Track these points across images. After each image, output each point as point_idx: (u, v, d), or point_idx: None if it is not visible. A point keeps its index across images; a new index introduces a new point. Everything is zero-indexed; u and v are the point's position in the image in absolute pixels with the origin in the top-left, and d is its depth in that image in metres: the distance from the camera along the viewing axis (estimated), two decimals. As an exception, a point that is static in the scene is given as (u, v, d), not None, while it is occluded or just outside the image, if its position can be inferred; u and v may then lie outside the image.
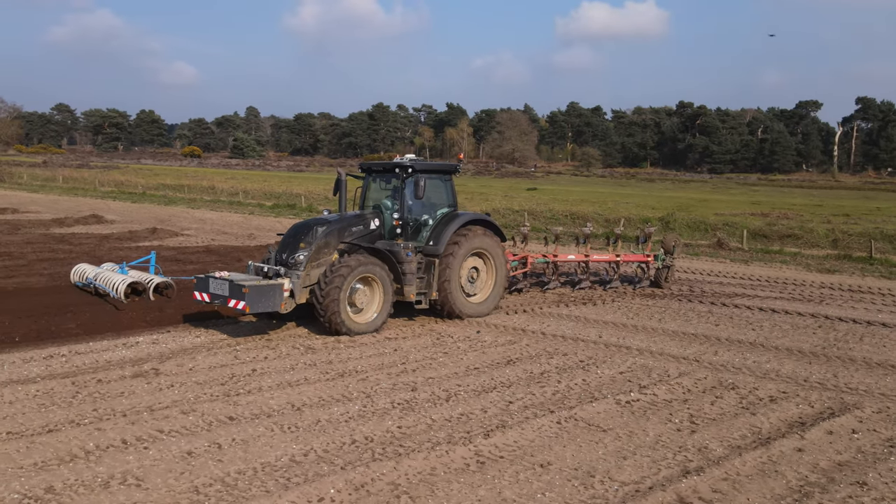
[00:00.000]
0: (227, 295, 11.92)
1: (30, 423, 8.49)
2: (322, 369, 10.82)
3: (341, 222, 13.26)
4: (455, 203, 14.70)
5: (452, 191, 14.72)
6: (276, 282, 12.13)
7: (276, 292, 11.98)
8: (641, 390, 10.08)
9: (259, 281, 12.08)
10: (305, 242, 12.73)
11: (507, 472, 7.43)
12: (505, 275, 14.71)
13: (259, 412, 8.97)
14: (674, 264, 18.08)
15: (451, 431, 8.50)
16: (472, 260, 14.25)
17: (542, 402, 9.62)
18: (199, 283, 12.58)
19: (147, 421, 8.61)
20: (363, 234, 13.49)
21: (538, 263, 17.35)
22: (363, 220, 13.61)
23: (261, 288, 11.81)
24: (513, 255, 16.48)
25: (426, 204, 14.20)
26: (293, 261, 12.59)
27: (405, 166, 13.82)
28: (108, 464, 7.44)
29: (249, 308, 11.68)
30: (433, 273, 13.63)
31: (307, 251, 12.59)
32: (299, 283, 12.36)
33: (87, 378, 10.13)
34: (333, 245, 12.92)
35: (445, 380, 10.44)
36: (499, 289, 14.60)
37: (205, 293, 12.41)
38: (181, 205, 38.61)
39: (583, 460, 7.76)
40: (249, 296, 11.60)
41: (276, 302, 11.96)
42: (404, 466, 7.48)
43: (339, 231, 13.08)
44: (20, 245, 22.37)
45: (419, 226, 14.09)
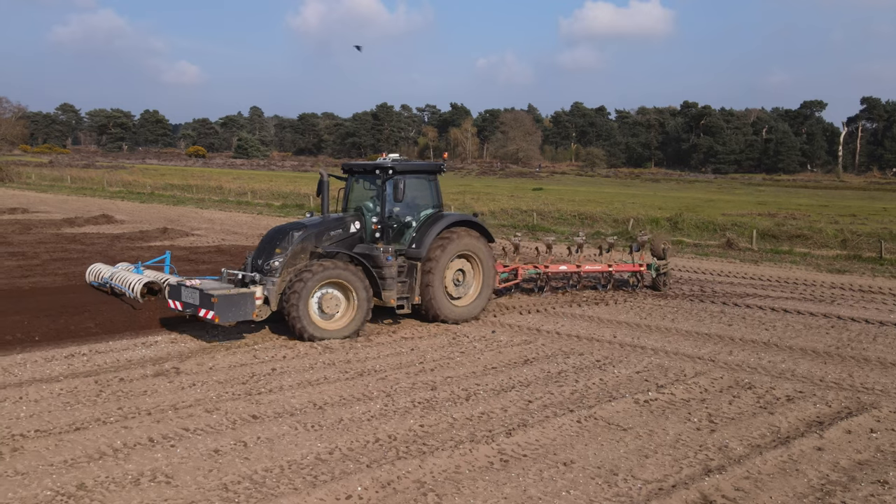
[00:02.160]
0: (198, 304, 11.66)
1: (56, 421, 8.60)
2: (341, 368, 10.91)
3: (318, 226, 12.98)
4: (440, 204, 14.33)
5: (437, 191, 14.35)
6: (246, 290, 11.85)
7: (247, 301, 11.69)
8: (659, 390, 10.15)
9: (229, 290, 11.76)
10: (281, 248, 12.47)
11: (531, 471, 7.51)
12: (492, 277, 14.36)
13: (282, 411, 9.06)
14: (668, 268, 17.70)
15: (472, 430, 8.58)
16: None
17: (561, 401, 9.70)
18: (172, 290, 12.35)
19: (172, 419, 8.71)
20: (342, 237, 13.18)
21: (530, 275, 16.84)
22: (342, 224, 13.28)
23: (230, 297, 11.51)
24: (503, 267, 16.11)
25: (410, 205, 13.86)
26: (268, 267, 12.32)
27: (385, 167, 13.47)
28: (136, 461, 7.54)
29: (219, 318, 11.39)
30: (415, 277, 13.30)
31: (283, 256, 12.36)
32: (274, 289, 12.11)
33: (109, 377, 10.23)
34: (310, 249, 12.67)
35: (464, 379, 10.52)
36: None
37: (178, 301, 12.21)
38: (190, 205, 38.74)
39: (605, 459, 7.84)
40: (218, 305, 11.32)
41: (247, 311, 11.67)
42: (429, 465, 7.57)
43: (315, 235, 12.80)
44: (33, 245, 22.50)
45: (402, 227, 13.76)
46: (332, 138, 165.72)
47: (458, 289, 13.92)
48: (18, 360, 10.91)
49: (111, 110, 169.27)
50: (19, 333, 12.21)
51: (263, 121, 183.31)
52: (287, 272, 12.27)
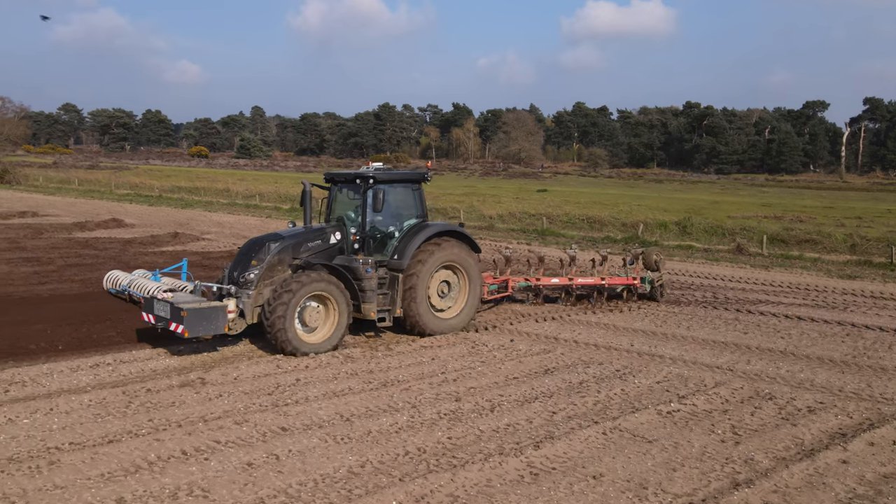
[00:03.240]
0: (169, 318, 11.46)
1: (89, 433, 8.70)
2: (364, 379, 11.01)
3: (296, 237, 12.72)
4: (424, 213, 13.99)
5: (422, 200, 14.00)
6: (217, 304, 11.62)
7: (219, 315, 11.46)
8: (681, 400, 10.25)
9: (199, 303, 11.50)
10: (257, 259, 12.21)
11: (562, 484, 7.61)
12: (479, 289, 14.05)
13: (310, 423, 9.17)
14: (663, 280, 17.34)
15: (500, 442, 8.68)
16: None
17: (585, 412, 9.80)
18: (146, 303, 12.14)
19: (203, 431, 8.81)
20: (322, 248, 12.91)
21: (520, 287, 16.48)
22: (322, 235, 13.00)
23: (200, 311, 11.30)
24: (493, 279, 15.93)
25: (393, 215, 13.60)
26: (244, 279, 12.07)
27: (366, 176, 13.13)
28: (172, 475, 7.64)
29: (188, 332, 11.17)
30: (397, 288, 13.00)
31: (259, 268, 12.10)
32: (250, 301, 11.88)
33: (136, 387, 10.34)
34: (287, 261, 12.41)
35: (487, 390, 10.63)
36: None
37: (151, 314, 11.96)
38: (198, 208, 38.85)
39: (633, 472, 7.94)
40: (188, 319, 11.13)
41: (218, 325, 11.47)
42: (461, 478, 7.67)
43: (293, 247, 12.55)
44: (46, 250, 22.62)
45: (385, 238, 13.47)
46: (335, 138, 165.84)
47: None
48: (45, 371, 11.01)
49: (113, 110, 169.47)
50: (43, 343, 12.34)
51: (265, 120, 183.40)
52: (263, 284, 12.03)
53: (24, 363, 11.33)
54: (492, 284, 15.73)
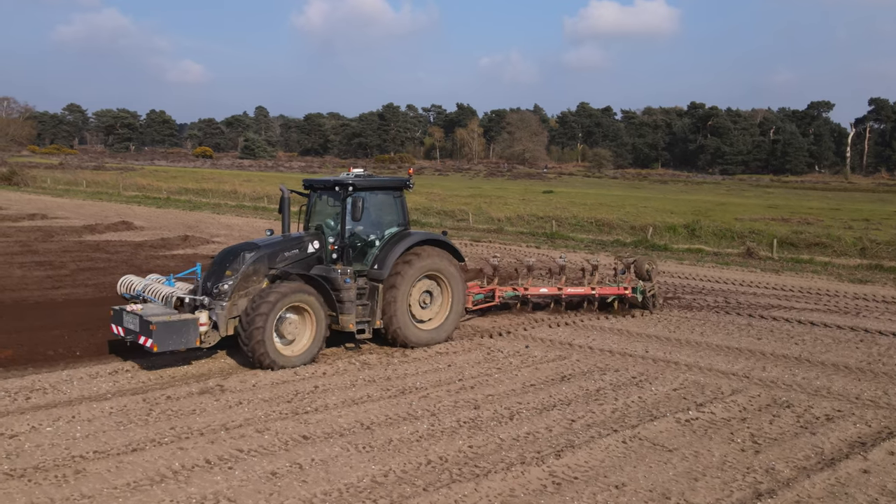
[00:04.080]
0: (138, 331, 11.14)
1: (112, 441, 8.76)
2: (382, 386, 11.06)
3: (273, 247, 12.31)
4: (406, 221, 13.57)
5: (403, 208, 13.59)
6: (189, 316, 11.26)
7: (190, 328, 11.10)
8: (699, 408, 10.29)
9: (170, 316, 11.15)
10: (232, 269, 11.80)
11: (585, 494, 7.65)
12: (462, 299, 13.72)
13: (331, 431, 9.21)
14: (655, 289, 16.75)
15: (521, 451, 8.72)
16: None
17: (604, 420, 9.84)
18: (115, 315, 11.78)
19: (225, 440, 8.86)
20: (299, 258, 12.49)
21: (507, 297, 16.03)
22: (300, 244, 12.58)
23: (170, 324, 10.95)
24: (480, 289, 15.65)
25: (374, 223, 13.25)
26: (217, 290, 11.66)
27: (345, 183, 12.74)
28: (198, 484, 7.69)
29: (157, 346, 10.83)
30: (377, 299, 12.63)
31: (233, 279, 11.69)
32: (224, 313, 11.48)
33: (156, 395, 10.39)
34: (263, 272, 11.99)
35: (505, 397, 10.67)
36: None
37: (120, 327, 11.64)
38: (206, 210, 38.93)
39: (656, 481, 7.97)
40: (157, 333, 10.79)
41: (189, 338, 11.12)
42: (484, 488, 7.71)
43: (269, 256, 12.12)
44: (58, 253, 22.71)
45: (365, 247, 13.10)
46: (339, 139, 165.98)
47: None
48: (64, 377, 11.08)
49: (117, 110, 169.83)
50: (61, 349, 12.42)
51: (269, 121, 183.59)
52: (238, 295, 11.65)
53: (44, 370, 11.40)
54: (478, 294, 15.38)
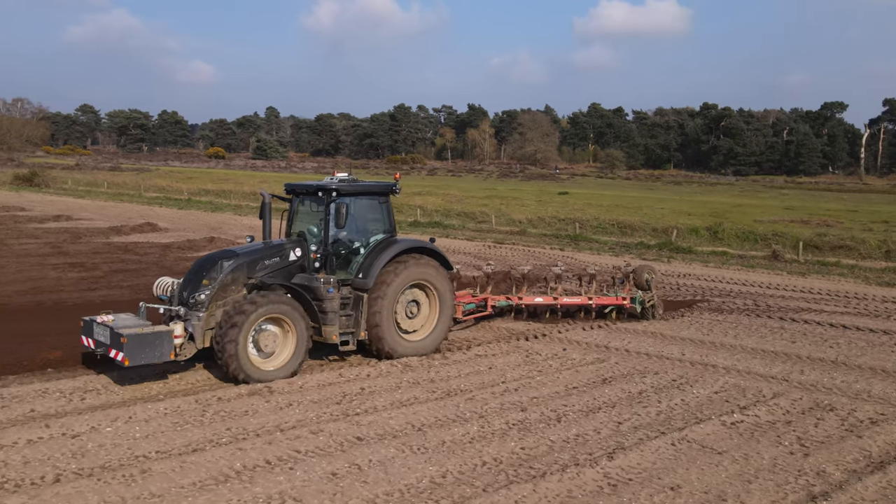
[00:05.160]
0: (109, 343, 10.69)
1: (172, 442, 8.94)
2: (427, 388, 11.22)
3: (252, 254, 11.86)
4: (392, 228, 13.15)
5: (389, 214, 13.15)
6: (162, 328, 10.81)
7: (163, 340, 10.62)
8: (742, 411, 10.40)
9: (142, 328, 10.70)
10: (209, 278, 11.37)
11: (642, 495, 7.78)
12: (450, 309, 13.26)
13: (383, 433, 9.38)
14: (655, 299, 16.26)
15: (573, 453, 8.86)
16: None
17: (650, 422, 9.97)
18: (85, 326, 11.31)
19: (281, 441, 9.03)
20: (280, 266, 12.01)
21: (500, 306, 15.54)
22: (281, 251, 12.11)
23: (143, 336, 10.47)
24: (472, 297, 15.22)
25: (358, 230, 12.84)
26: (194, 300, 11.21)
27: (329, 188, 12.31)
28: (262, 484, 7.86)
29: (129, 360, 10.37)
30: (362, 309, 12.17)
31: (210, 288, 11.24)
32: (201, 325, 11.00)
33: (207, 396, 10.58)
34: (242, 281, 11.53)
35: (550, 400, 10.81)
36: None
37: (90, 339, 11.17)
38: (228, 211, 39.22)
39: (710, 484, 8.10)
40: (128, 346, 10.30)
41: (163, 351, 10.63)
42: (542, 489, 7.85)
43: (248, 265, 11.65)
44: (89, 255, 22.99)
45: (349, 255, 12.66)
46: (350, 139, 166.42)
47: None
48: (115, 378, 11.29)
49: (129, 111, 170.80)
50: (107, 350, 12.59)
51: (279, 121, 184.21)
52: (215, 306, 11.20)
53: (92, 371, 11.61)
54: (469, 303, 14.92)
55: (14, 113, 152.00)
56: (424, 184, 68.76)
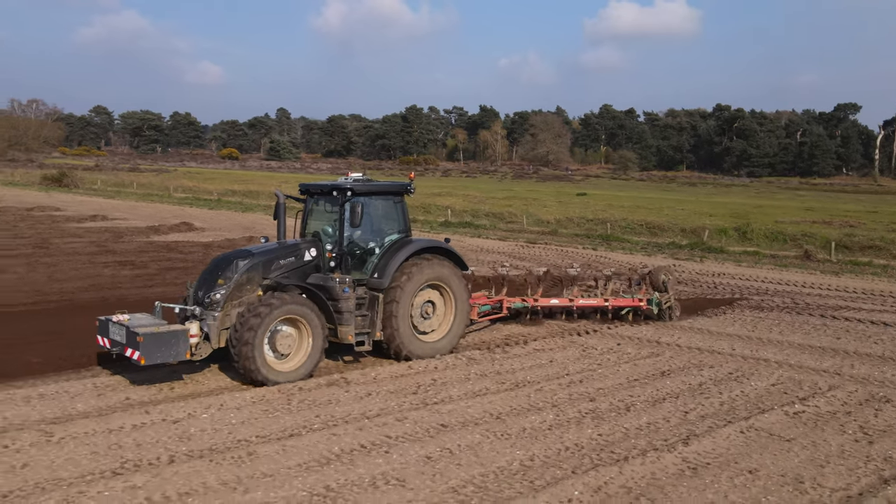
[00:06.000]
0: (125, 343, 10.70)
1: (268, 427, 9.45)
2: (495, 380, 11.71)
3: (268, 254, 11.89)
4: (407, 228, 13.11)
5: (404, 214, 13.12)
6: (178, 328, 10.85)
7: (179, 339, 10.66)
8: (802, 402, 10.84)
9: (158, 327, 10.75)
10: (224, 278, 11.36)
11: (722, 478, 8.24)
12: (466, 310, 13.27)
13: (465, 420, 9.86)
14: (672, 301, 16.22)
15: (649, 440, 9.33)
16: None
17: (715, 412, 10.43)
18: (101, 326, 11.32)
19: (371, 427, 9.52)
20: (295, 266, 12.03)
21: (515, 308, 15.50)
22: (296, 251, 12.13)
23: (159, 335, 10.50)
24: (487, 299, 15.23)
25: (373, 230, 12.85)
26: (209, 299, 11.23)
27: (344, 188, 12.33)
28: (363, 466, 8.35)
29: (145, 359, 10.37)
30: (377, 310, 12.17)
31: (226, 288, 11.26)
32: (216, 324, 11.04)
33: (289, 387, 11.07)
34: (257, 280, 11.55)
35: (615, 391, 11.28)
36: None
37: (106, 338, 11.18)
38: (258, 211, 39.81)
39: (785, 467, 8.55)
40: (144, 345, 10.32)
41: (179, 351, 10.66)
42: (627, 471, 8.32)
43: (263, 264, 11.68)
44: (135, 253, 23.59)
45: (364, 255, 12.66)
46: (362, 140, 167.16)
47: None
48: (196, 368, 11.80)
49: (142, 112, 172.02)
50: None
51: (291, 122, 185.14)
52: (230, 305, 11.23)
53: (171, 363, 12.08)
54: (484, 305, 14.91)
55: (29, 114, 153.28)
56: (442, 185, 69.26)
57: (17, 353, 12.21)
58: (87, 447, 8.64)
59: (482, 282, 16.57)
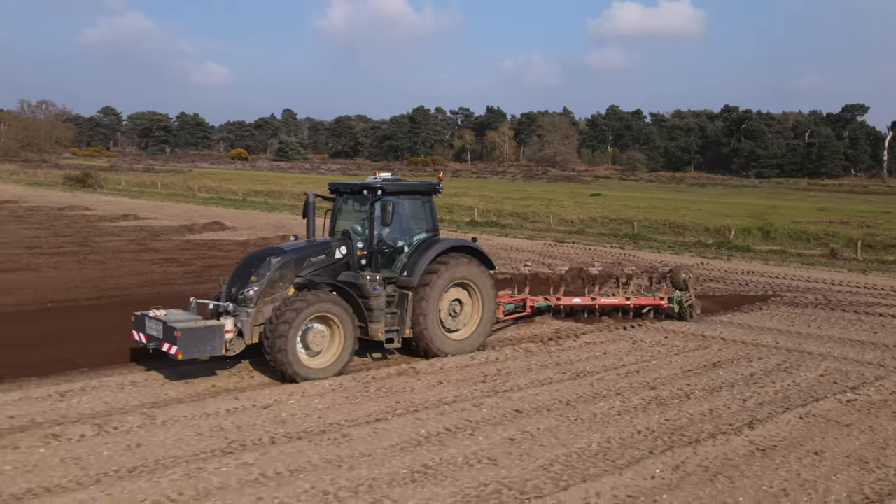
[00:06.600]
0: (161, 338, 10.91)
1: (353, 412, 10.01)
2: (557, 370, 12.26)
3: (299, 252, 12.09)
4: (435, 227, 13.30)
5: (432, 213, 13.32)
6: (214, 323, 11.09)
7: (215, 335, 10.88)
8: (853, 391, 11.38)
9: (195, 322, 10.98)
10: (257, 275, 11.56)
11: (791, 459, 8.78)
12: (493, 308, 13.43)
13: (538, 406, 10.41)
14: (693, 300, 16.37)
15: (714, 424, 9.88)
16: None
17: (771, 400, 10.98)
18: (137, 321, 11.54)
19: (451, 413, 10.06)
20: (326, 264, 12.23)
21: (538, 307, 15.71)
22: (327, 249, 12.32)
23: (195, 330, 10.72)
24: (510, 298, 15.37)
25: (402, 229, 12.99)
26: (242, 296, 11.42)
27: (374, 187, 12.51)
28: (453, 446, 8.89)
29: (182, 354, 10.58)
30: (407, 307, 12.33)
31: (259, 285, 11.45)
32: (249, 320, 11.23)
33: (363, 375, 11.63)
34: (289, 278, 11.72)
35: (673, 380, 11.84)
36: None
37: (142, 333, 11.39)
38: (284, 211, 40.43)
39: (848, 449, 9.09)
40: (182, 340, 10.53)
41: (215, 346, 10.88)
42: (701, 453, 8.86)
43: (295, 262, 11.89)
44: (177, 251, 24.18)
45: (393, 253, 12.81)
46: (369, 141, 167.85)
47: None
48: (269, 358, 12.34)
49: (150, 113, 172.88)
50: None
51: (297, 123, 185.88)
52: (263, 302, 11.42)
53: (247, 355, 12.64)
54: (508, 304, 15.10)
55: (39, 115, 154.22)
56: (456, 185, 69.81)
57: (94, 345, 12.76)
58: (191, 429, 9.22)
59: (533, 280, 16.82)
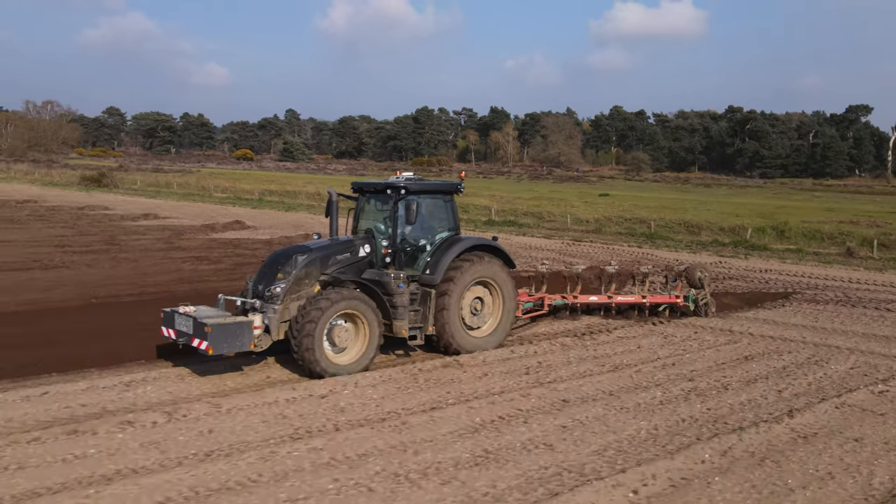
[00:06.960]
0: (192, 333, 11.11)
1: (408, 401, 10.41)
2: (595, 363, 12.68)
3: (325, 249, 12.29)
4: (457, 226, 13.55)
5: (454, 212, 13.59)
6: (243, 319, 11.27)
7: (244, 330, 11.09)
8: (884, 383, 11.80)
9: (224, 318, 11.19)
10: (283, 272, 11.76)
11: (832, 445, 9.19)
12: (513, 307, 13.68)
13: (583, 396, 10.83)
14: (708, 298, 16.64)
15: (755, 413, 10.29)
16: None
17: (806, 391, 11.39)
18: (166, 317, 11.74)
19: (501, 402, 10.47)
20: (350, 261, 12.45)
21: (556, 305, 15.89)
22: (351, 247, 12.56)
23: (225, 326, 10.92)
24: (528, 296, 15.50)
25: (424, 227, 13.22)
26: (269, 293, 11.62)
27: (398, 186, 12.74)
28: (509, 433, 9.30)
29: (213, 349, 10.82)
30: (429, 305, 12.59)
31: (285, 282, 11.64)
32: (276, 317, 11.43)
33: (410, 367, 12.06)
34: (315, 275, 11.93)
35: (709, 372, 12.25)
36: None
37: (171, 329, 11.58)
38: (301, 210, 40.87)
39: (887, 437, 9.50)
40: (212, 335, 10.72)
41: (244, 341, 11.09)
42: (746, 439, 9.27)
43: (321, 260, 12.08)
44: (204, 250, 24.59)
45: (416, 252, 13.05)
46: (373, 142, 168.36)
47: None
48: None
49: (154, 113, 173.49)
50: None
51: (300, 123, 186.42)
52: (289, 299, 11.61)
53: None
54: (527, 302, 15.27)
55: (44, 115, 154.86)
56: (465, 185, 70.11)
57: (145, 338, 13.07)
58: (256, 416, 9.64)
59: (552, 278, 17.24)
